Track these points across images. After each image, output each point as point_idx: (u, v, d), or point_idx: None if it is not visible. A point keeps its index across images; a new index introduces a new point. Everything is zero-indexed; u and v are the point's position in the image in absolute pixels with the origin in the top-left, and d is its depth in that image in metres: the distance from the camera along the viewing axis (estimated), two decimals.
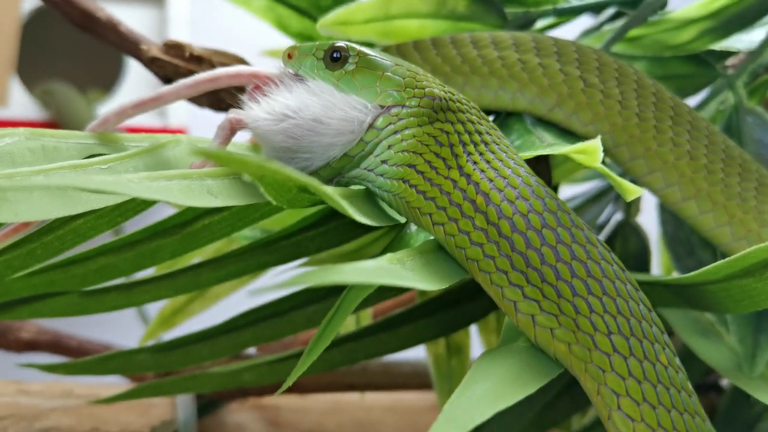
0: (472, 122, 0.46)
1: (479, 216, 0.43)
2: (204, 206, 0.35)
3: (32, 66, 1.33)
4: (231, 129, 0.45)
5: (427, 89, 0.46)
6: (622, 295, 0.43)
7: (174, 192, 0.33)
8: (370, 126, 0.45)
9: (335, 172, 0.46)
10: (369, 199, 0.46)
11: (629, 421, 0.40)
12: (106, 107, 1.30)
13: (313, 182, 0.35)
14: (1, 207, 0.27)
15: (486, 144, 0.45)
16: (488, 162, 0.44)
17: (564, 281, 0.42)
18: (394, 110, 0.45)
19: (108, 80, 1.35)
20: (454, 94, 0.47)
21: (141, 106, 0.46)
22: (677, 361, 0.43)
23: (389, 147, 0.45)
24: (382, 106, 0.45)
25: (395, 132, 0.45)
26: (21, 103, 1.25)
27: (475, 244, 0.43)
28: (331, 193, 0.36)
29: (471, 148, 0.45)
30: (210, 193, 0.36)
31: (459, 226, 0.43)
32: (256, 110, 0.45)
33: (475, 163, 0.44)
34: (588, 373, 0.41)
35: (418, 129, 0.45)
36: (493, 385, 0.39)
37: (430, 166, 0.44)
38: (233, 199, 0.37)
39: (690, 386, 0.43)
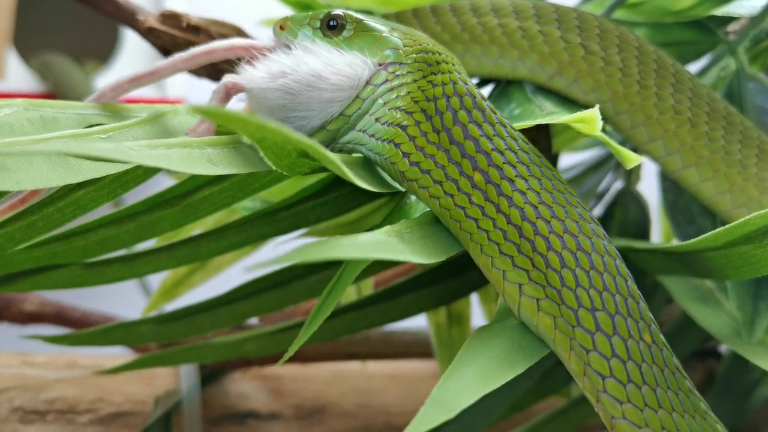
0: (465, 82, 0.46)
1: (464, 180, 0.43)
2: (204, 174, 0.35)
3: (29, 38, 1.32)
4: (226, 93, 0.45)
5: (423, 45, 0.46)
6: (610, 271, 0.42)
7: (174, 160, 0.33)
8: (368, 82, 0.45)
9: (330, 137, 0.46)
10: (368, 166, 0.46)
11: (617, 404, 0.40)
12: (103, 78, 1.30)
13: (313, 144, 0.35)
14: (2, 175, 0.27)
15: (482, 111, 0.45)
16: (479, 125, 0.44)
17: (554, 252, 0.42)
18: (391, 67, 0.46)
19: (105, 51, 1.34)
20: (448, 55, 0.47)
21: (137, 81, 0.46)
22: (662, 338, 0.43)
23: (384, 104, 0.45)
24: (380, 64, 0.46)
25: (391, 89, 0.45)
26: (18, 75, 1.24)
27: (459, 206, 0.43)
28: (332, 156, 0.36)
29: (463, 114, 0.45)
30: (210, 162, 0.36)
31: (455, 201, 0.43)
32: (252, 71, 0.45)
33: (464, 125, 0.44)
34: (573, 351, 0.41)
35: (412, 84, 0.45)
36: (481, 366, 0.39)
37: (419, 129, 0.44)
38: (233, 168, 0.37)
39: (675, 363, 0.43)
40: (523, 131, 0.56)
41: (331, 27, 0.46)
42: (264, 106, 0.44)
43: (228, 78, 0.45)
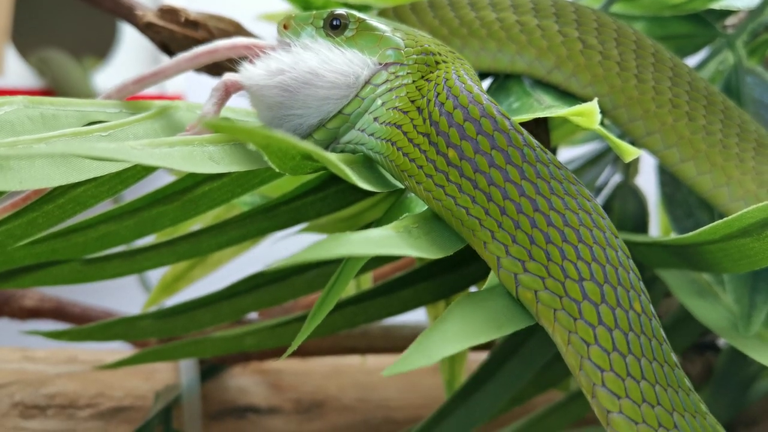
0: (462, 81, 0.45)
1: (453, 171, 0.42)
2: (206, 172, 0.35)
3: (27, 34, 1.32)
4: (226, 91, 0.45)
5: (425, 46, 0.46)
6: (612, 263, 0.42)
7: (176, 158, 0.33)
8: (367, 82, 0.45)
9: (330, 135, 0.46)
10: (368, 165, 0.46)
11: (598, 372, 0.39)
12: (102, 74, 1.29)
13: (317, 149, 0.35)
14: (5, 175, 0.27)
15: None
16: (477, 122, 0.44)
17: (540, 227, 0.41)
18: (392, 68, 0.46)
19: (103, 47, 1.34)
20: (450, 56, 0.47)
21: (142, 82, 0.46)
22: (652, 308, 0.42)
23: (382, 104, 0.45)
24: (381, 64, 0.46)
25: (390, 89, 0.45)
26: (16, 71, 1.24)
27: (450, 196, 0.43)
28: (334, 159, 0.36)
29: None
30: (212, 160, 0.36)
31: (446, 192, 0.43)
32: (251, 69, 0.45)
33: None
34: (558, 323, 0.40)
35: (411, 85, 0.45)
36: (468, 323, 0.39)
37: (412, 125, 0.44)
38: (235, 165, 0.37)
39: (662, 334, 0.42)
40: (522, 124, 0.56)
41: (334, 27, 0.47)
42: (263, 104, 0.44)
43: (227, 76, 0.45)
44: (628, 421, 0.39)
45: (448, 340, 0.37)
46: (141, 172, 0.44)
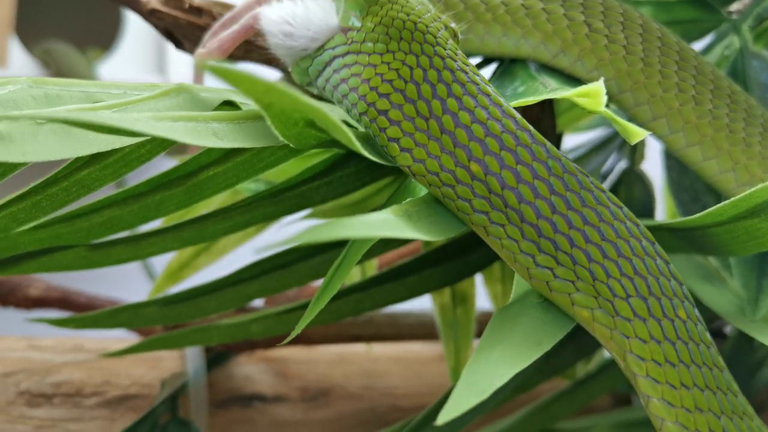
0: (442, 57, 0.43)
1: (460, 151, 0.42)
2: (208, 146, 0.35)
3: (31, 25, 1.32)
4: (253, 19, 0.46)
5: (388, 12, 0.44)
6: (621, 233, 0.42)
7: (179, 131, 0.33)
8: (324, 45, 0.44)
9: (304, 75, 0.45)
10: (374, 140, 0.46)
11: (641, 362, 0.40)
12: (106, 65, 1.30)
13: (321, 111, 0.34)
14: (8, 147, 0.27)
15: (462, 84, 0.43)
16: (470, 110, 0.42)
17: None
18: (350, 33, 0.44)
19: (107, 39, 1.34)
20: (425, 22, 0.44)
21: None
22: (696, 312, 0.43)
23: (345, 66, 0.43)
24: (343, 28, 0.44)
25: (350, 52, 0.43)
26: (20, 62, 1.24)
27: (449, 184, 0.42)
28: (339, 123, 0.35)
29: (442, 88, 0.42)
30: (215, 136, 0.36)
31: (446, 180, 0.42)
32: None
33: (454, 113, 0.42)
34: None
35: (375, 56, 0.43)
36: (507, 347, 0.39)
37: (401, 112, 0.42)
38: (238, 142, 0.37)
39: (708, 337, 0.43)
40: (527, 109, 0.56)
41: None
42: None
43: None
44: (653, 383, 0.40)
45: (493, 370, 0.36)
46: (145, 154, 0.44)
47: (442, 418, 0.32)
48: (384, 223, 0.38)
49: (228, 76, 0.30)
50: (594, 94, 0.43)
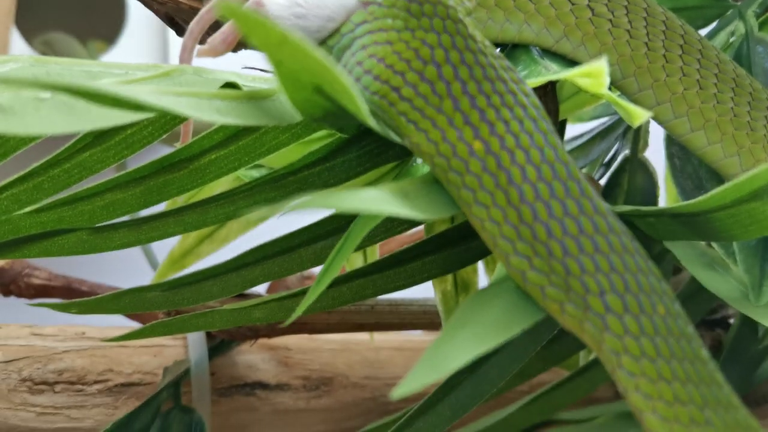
0: (465, 37, 0.42)
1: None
2: (211, 121, 0.35)
3: (32, 17, 1.32)
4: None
5: None
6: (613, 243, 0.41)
7: (182, 105, 0.33)
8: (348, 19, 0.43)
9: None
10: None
11: (615, 357, 0.40)
12: (108, 58, 1.29)
13: (331, 70, 0.33)
14: (11, 120, 0.27)
15: (492, 82, 0.42)
16: (497, 110, 0.41)
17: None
18: (370, 7, 0.42)
19: (109, 31, 1.34)
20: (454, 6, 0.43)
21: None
22: (676, 307, 0.42)
23: (363, 47, 0.42)
24: (363, 2, 0.43)
25: (369, 32, 0.42)
26: (21, 54, 1.24)
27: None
28: (349, 86, 0.34)
29: (473, 85, 0.41)
30: (218, 113, 0.35)
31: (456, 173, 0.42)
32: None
33: (482, 111, 0.41)
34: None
35: (393, 34, 0.41)
36: (476, 328, 0.38)
37: (415, 92, 0.41)
38: (241, 119, 0.37)
39: (690, 330, 0.42)
40: None
41: None
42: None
43: None
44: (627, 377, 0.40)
45: (457, 349, 0.36)
46: (147, 137, 0.44)
47: (397, 393, 0.32)
48: (379, 198, 0.37)
49: (242, 19, 0.29)
50: (596, 74, 0.43)
